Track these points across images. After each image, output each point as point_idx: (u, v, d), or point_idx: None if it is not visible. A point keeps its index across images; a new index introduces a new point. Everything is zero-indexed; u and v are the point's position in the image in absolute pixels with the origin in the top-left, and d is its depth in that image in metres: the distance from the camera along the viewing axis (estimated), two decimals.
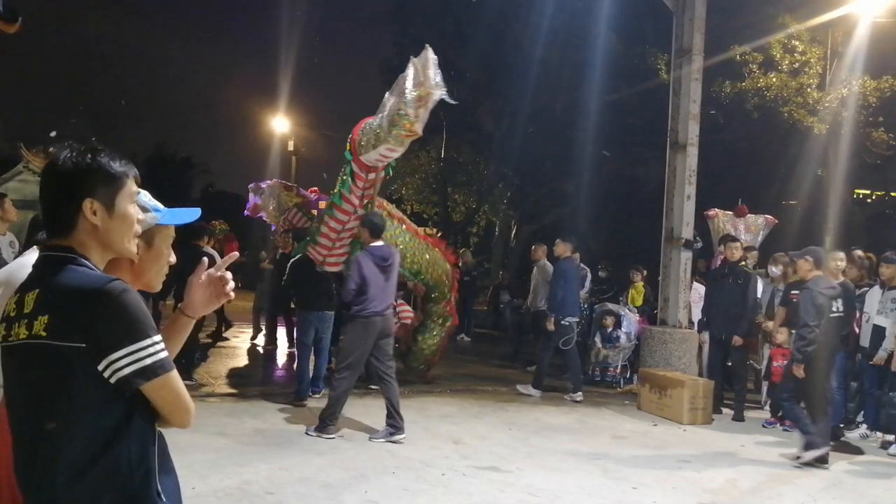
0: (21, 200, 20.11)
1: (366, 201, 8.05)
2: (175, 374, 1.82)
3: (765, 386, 9.55)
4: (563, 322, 9.82)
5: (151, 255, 1.95)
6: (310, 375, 8.84)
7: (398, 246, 8.54)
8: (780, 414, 8.72)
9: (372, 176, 7.84)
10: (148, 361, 1.75)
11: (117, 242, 1.94)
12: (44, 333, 1.73)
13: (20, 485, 1.84)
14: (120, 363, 1.72)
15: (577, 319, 10.08)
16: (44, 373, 1.75)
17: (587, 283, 12.06)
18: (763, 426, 8.70)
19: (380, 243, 7.28)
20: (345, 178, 7.95)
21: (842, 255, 8.59)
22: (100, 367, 1.72)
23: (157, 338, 1.79)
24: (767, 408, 9.23)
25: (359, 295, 7.11)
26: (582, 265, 11.99)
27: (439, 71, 6.92)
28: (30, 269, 2.39)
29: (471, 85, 23.22)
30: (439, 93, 6.84)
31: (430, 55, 6.96)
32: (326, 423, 7.14)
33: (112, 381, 1.73)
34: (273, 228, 11.99)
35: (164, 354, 1.79)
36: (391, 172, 8.66)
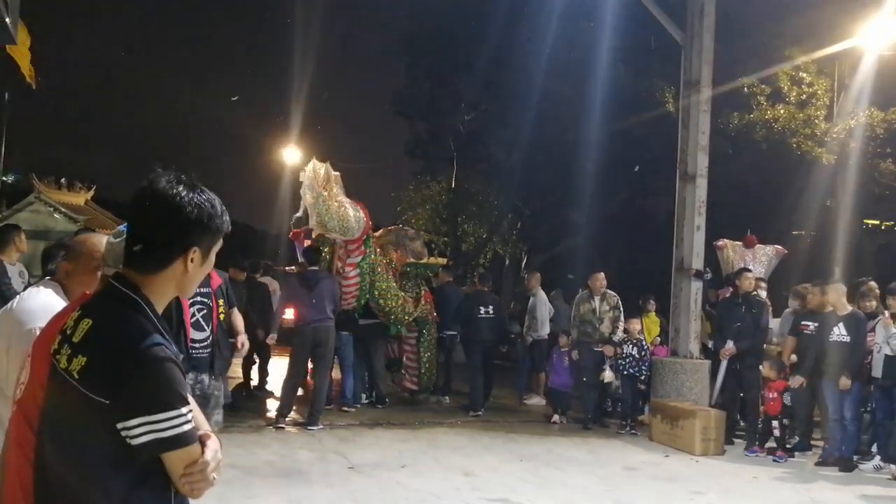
0: (32, 231, 20.27)
1: (338, 263, 10.20)
2: (196, 448, 1.76)
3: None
4: (441, 335, 11.40)
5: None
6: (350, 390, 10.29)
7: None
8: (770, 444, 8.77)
9: (340, 245, 10.17)
10: (166, 434, 1.70)
11: (191, 287, 1.93)
12: (77, 376, 1.71)
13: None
14: (134, 431, 1.67)
15: (455, 333, 11.53)
16: (68, 409, 1.72)
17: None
18: (774, 461, 8.62)
19: (314, 268, 9.29)
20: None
21: (842, 287, 8.70)
22: (118, 426, 1.68)
23: (184, 409, 1.73)
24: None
25: (292, 310, 9.30)
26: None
27: (303, 181, 9.99)
28: (45, 308, 2.36)
29: (481, 115, 23.34)
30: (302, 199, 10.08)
31: (305, 173, 9.98)
32: (283, 413, 8.96)
33: (128, 442, 1.69)
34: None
35: (186, 427, 1.73)
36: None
